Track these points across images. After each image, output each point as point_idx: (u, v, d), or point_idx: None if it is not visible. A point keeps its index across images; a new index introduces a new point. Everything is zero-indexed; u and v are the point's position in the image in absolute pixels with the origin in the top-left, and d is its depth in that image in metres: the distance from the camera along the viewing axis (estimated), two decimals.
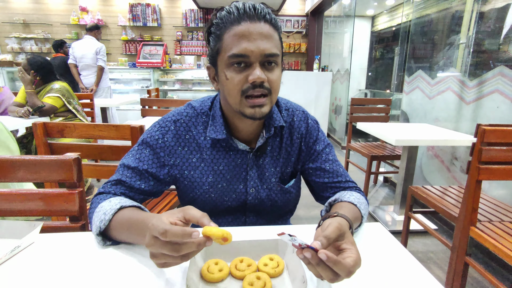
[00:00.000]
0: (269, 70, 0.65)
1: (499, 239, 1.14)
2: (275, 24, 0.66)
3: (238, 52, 0.62)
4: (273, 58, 0.65)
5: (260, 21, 0.63)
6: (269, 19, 0.65)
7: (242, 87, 0.64)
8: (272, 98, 0.67)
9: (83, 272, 0.55)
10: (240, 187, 0.79)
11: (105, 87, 4.15)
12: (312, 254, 0.44)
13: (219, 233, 0.47)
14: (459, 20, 2.23)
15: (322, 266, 0.45)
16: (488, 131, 1.14)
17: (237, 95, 0.65)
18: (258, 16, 0.63)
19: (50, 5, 5.75)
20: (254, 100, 0.65)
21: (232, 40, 0.63)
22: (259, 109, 0.66)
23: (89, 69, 4.00)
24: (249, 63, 0.64)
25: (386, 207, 2.44)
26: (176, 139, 0.74)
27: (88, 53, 3.91)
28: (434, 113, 2.40)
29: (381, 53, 6.48)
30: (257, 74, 0.62)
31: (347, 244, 0.49)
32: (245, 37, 0.62)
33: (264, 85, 0.64)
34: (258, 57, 0.63)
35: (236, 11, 0.63)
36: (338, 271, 0.44)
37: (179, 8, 5.95)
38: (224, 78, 0.66)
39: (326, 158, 0.81)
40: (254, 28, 0.63)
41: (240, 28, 0.62)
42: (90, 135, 1.20)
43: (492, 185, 1.83)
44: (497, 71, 1.80)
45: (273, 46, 0.64)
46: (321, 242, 0.46)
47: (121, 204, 0.63)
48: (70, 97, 2.34)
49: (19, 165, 0.77)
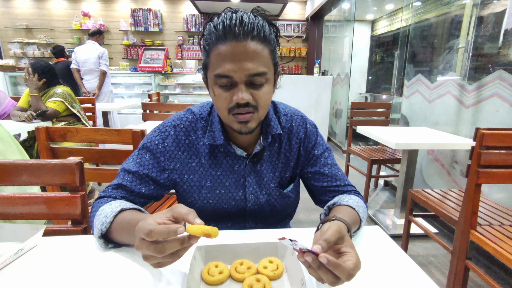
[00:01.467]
0: (256, 88, 0.64)
1: (499, 243, 1.14)
2: (265, 39, 0.63)
3: (222, 72, 0.62)
4: (259, 77, 0.63)
5: (246, 39, 0.60)
6: (257, 34, 0.61)
7: (228, 105, 0.65)
8: (259, 114, 0.67)
9: (85, 275, 0.56)
10: (239, 194, 0.79)
11: (107, 92, 4.18)
12: (313, 258, 0.45)
13: (199, 231, 0.46)
14: (458, 24, 2.25)
15: (323, 270, 0.45)
16: (487, 135, 1.14)
17: (225, 112, 0.66)
18: (244, 33, 0.60)
19: (52, 10, 5.81)
20: (239, 116, 0.65)
21: (217, 59, 0.62)
22: (245, 125, 0.66)
23: (91, 74, 4.03)
24: (234, 83, 0.63)
25: (386, 211, 2.44)
26: (176, 144, 0.75)
27: (90, 57, 3.95)
28: (434, 117, 2.40)
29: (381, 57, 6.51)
30: (240, 96, 0.62)
31: (347, 247, 0.50)
32: (229, 58, 0.60)
33: (250, 103, 0.64)
34: (243, 77, 0.62)
35: (222, 28, 0.60)
36: (339, 274, 0.45)
37: (180, 13, 6.00)
38: (212, 93, 0.67)
39: (325, 162, 0.82)
40: (239, 48, 0.60)
41: (224, 48, 0.61)
42: (92, 139, 1.21)
43: (492, 188, 1.83)
44: (496, 75, 1.81)
45: (260, 65, 0.62)
46: (321, 246, 0.46)
47: (122, 206, 0.64)
48: (72, 102, 2.36)
49: (23, 169, 0.78)
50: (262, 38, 0.63)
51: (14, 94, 5.05)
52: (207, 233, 0.47)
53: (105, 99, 4.17)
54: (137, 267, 0.58)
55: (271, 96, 0.70)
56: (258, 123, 0.69)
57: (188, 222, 0.48)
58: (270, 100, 0.70)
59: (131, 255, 0.62)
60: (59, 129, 1.21)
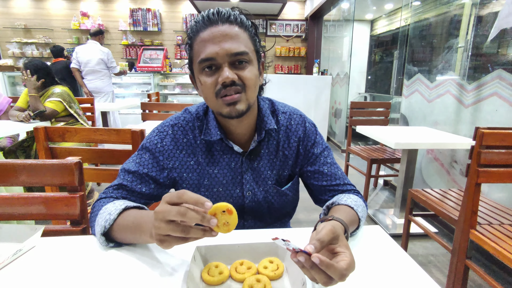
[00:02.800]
0: (240, 68, 0.66)
1: (499, 242, 1.14)
2: (242, 24, 0.67)
3: (205, 56, 0.65)
4: (241, 56, 0.66)
5: (223, 24, 0.65)
6: (233, 19, 0.66)
7: (215, 89, 0.66)
8: (247, 95, 0.68)
9: (84, 275, 0.55)
10: (237, 191, 0.79)
11: (109, 91, 4.19)
12: (305, 257, 0.45)
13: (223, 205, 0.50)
14: (457, 24, 2.25)
15: (315, 270, 0.45)
16: (486, 134, 1.14)
17: (213, 97, 0.67)
18: (221, 19, 0.65)
19: (51, 10, 5.80)
20: (227, 98, 0.66)
21: (199, 46, 0.66)
22: (233, 107, 0.67)
23: (94, 74, 4.02)
24: (218, 65, 0.65)
25: (386, 211, 2.44)
26: (174, 143, 0.76)
27: (93, 58, 3.94)
28: (433, 116, 2.40)
29: (380, 57, 6.51)
30: (225, 75, 0.64)
31: (341, 247, 0.50)
32: (210, 41, 0.64)
33: (236, 83, 0.66)
34: (225, 58, 0.64)
35: (201, 19, 0.66)
36: (332, 274, 0.45)
37: (179, 12, 6.00)
38: (199, 84, 0.69)
39: (324, 161, 0.82)
40: (218, 30, 0.64)
41: (205, 34, 0.65)
42: (91, 139, 1.20)
43: (492, 188, 1.83)
44: (495, 74, 1.81)
45: (240, 45, 0.65)
46: (314, 246, 0.46)
47: (126, 204, 0.64)
48: (71, 101, 2.35)
49: (21, 170, 0.78)
50: (240, 23, 0.67)
51: (12, 94, 5.04)
52: (229, 208, 0.50)
53: (108, 99, 4.18)
54: (136, 268, 0.58)
55: (257, 80, 0.71)
56: (248, 106, 0.69)
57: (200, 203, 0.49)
58: (257, 83, 0.71)
59: (131, 256, 0.62)
60: (58, 129, 1.21)
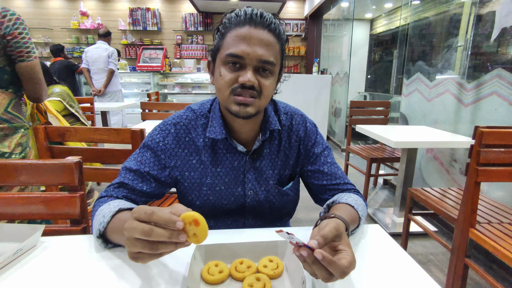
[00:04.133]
0: (263, 76, 0.67)
1: (498, 241, 1.14)
2: (278, 35, 0.68)
3: (235, 52, 0.64)
4: (268, 65, 0.66)
5: (263, 29, 0.65)
6: (273, 28, 0.66)
7: (232, 85, 0.66)
8: (260, 103, 0.68)
9: (85, 274, 0.56)
10: (239, 190, 0.79)
11: (116, 91, 4.25)
12: (308, 252, 0.45)
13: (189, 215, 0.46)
14: (457, 23, 2.25)
15: (317, 265, 0.46)
16: (486, 133, 1.15)
17: (226, 92, 0.67)
18: (262, 23, 0.65)
19: (50, 9, 5.79)
20: (240, 97, 0.66)
21: (232, 40, 0.65)
22: (244, 107, 0.67)
23: (101, 73, 4.10)
24: (243, 65, 0.65)
25: (386, 209, 2.44)
26: (177, 142, 0.76)
27: (100, 57, 4.03)
28: (433, 115, 2.41)
29: (380, 56, 6.51)
30: (247, 77, 0.64)
31: (344, 245, 0.50)
32: (245, 40, 0.64)
33: (255, 87, 0.66)
34: (253, 61, 0.65)
35: (244, 14, 0.66)
36: (333, 271, 0.45)
37: (179, 12, 5.99)
38: (218, 74, 0.68)
39: (325, 160, 0.82)
40: (256, 33, 0.65)
41: (242, 31, 0.65)
42: (91, 139, 1.20)
43: (491, 187, 1.83)
44: (495, 73, 1.81)
45: (271, 54, 0.66)
46: (318, 241, 0.47)
47: (120, 206, 0.63)
48: (71, 101, 2.35)
49: (21, 169, 0.78)
50: (277, 34, 0.67)
51: None
52: (197, 219, 0.46)
53: (114, 99, 4.23)
54: (136, 267, 0.58)
55: (273, 91, 0.71)
56: (257, 111, 0.69)
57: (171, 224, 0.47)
58: (272, 93, 0.72)
59: None
60: (58, 128, 1.21)
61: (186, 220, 0.46)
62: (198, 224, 0.46)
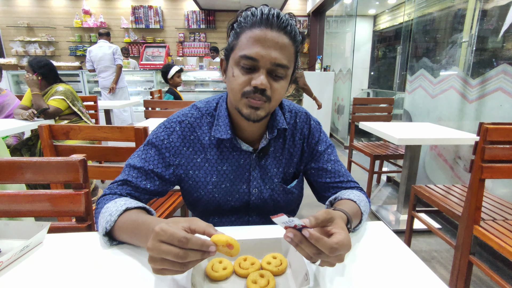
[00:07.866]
0: (275, 79, 0.66)
1: (503, 238, 1.14)
2: (294, 37, 0.66)
3: (249, 54, 0.63)
4: (281, 69, 0.65)
5: (279, 31, 0.64)
6: (289, 31, 0.65)
7: (244, 88, 0.66)
8: (271, 105, 0.68)
9: (90, 271, 0.56)
10: (243, 188, 0.79)
11: (123, 87, 4.31)
12: (294, 233, 0.47)
13: (224, 239, 0.48)
14: (461, 18, 2.22)
15: (305, 243, 0.47)
16: (491, 130, 1.14)
17: (238, 93, 0.67)
18: (279, 25, 0.63)
19: (53, 8, 5.80)
20: (252, 100, 0.66)
21: (247, 41, 0.64)
22: (254, 111, 0.67)
23: (108, 71, 4.18)
24: (257, 67, 0.65)
25: (389, 207, 2.44)
26: (181, 140, 0.75)
27: (105, 55, 4.11)
28: (437, 112, 2.39)
29: (383, 52, 6.47)
30: (260, 80, 0.63)
31: (337, 229, 0.51)
32: (260, 42, 0.63)
33: (265, 92, 0.65)
34: (267, 64, 0.64)
35: (260, 15, 0.64)
36: (321, 247, 0.47)
37: (181, 9, 5.99)
38: (231, 74, 0.68)
39: (328, 158, 0.82)
40: (272, 35, 0.63)
41: (257, 32, 0.63)
42: (95, 137, 1.21)
43: (496, 183, 1.82)
44: (500, 69, 1.79)
45: (285, 57, 0.65)
46: (309, 220, 0.49)
47: (127, 205, 0.63)
48: (74, 99, 2.36)
49: (27, 167, 0.79)
50: (292, 37, 0.66)
51: (16, 93, 5.05)
52: (230, 243, 0.48)
53: (123, 96, 4.27)
54: (141, 264, 0.58)
55: (284, 94, 0.71)
56: (267, 114, 0.69)
57: (209, 234, 0.49)
58: (283, 97, 0.71)
59: (136, 252, 0.62)
60: (62, 127, 1.22)
61: (219, 243, 0.48)
62: (232, 247, 0.49)
